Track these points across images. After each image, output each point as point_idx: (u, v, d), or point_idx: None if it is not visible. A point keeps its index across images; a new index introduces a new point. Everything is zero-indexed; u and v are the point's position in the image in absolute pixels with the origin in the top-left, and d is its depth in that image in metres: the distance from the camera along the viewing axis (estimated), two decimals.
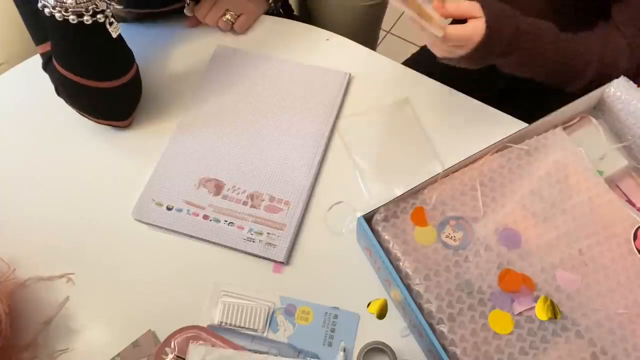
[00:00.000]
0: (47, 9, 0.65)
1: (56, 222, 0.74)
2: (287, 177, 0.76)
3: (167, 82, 0.85)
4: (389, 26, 1.91)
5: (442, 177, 0.67)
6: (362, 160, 0.78)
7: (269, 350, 0.66)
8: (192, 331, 0.66)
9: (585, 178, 0.66)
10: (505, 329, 0.59)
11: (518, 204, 0.65)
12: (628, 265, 0.62)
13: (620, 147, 0.71)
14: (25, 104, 0.84)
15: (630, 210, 0.65)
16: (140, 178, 0.76)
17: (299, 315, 0.67)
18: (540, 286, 0.61)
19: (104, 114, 0.78)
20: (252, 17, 0.91)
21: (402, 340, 0.66)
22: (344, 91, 0.83)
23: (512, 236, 0.64)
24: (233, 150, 0.78)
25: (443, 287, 0.61)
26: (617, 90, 0.69)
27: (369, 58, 0.88)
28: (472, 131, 0.78)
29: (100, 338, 0.67)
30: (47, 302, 0.69)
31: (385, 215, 0.65)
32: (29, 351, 0.66)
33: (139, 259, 0.72)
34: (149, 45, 0.88)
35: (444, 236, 0.64)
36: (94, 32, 0.68)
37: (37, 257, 0.71)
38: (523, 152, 0.69)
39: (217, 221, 0.73)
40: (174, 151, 0.78)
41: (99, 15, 0.67)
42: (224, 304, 0.67)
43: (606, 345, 0.58)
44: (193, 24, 0.91)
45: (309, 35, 0.90)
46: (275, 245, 0.71)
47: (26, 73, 0.87)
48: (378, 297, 0.68)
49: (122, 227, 0.73)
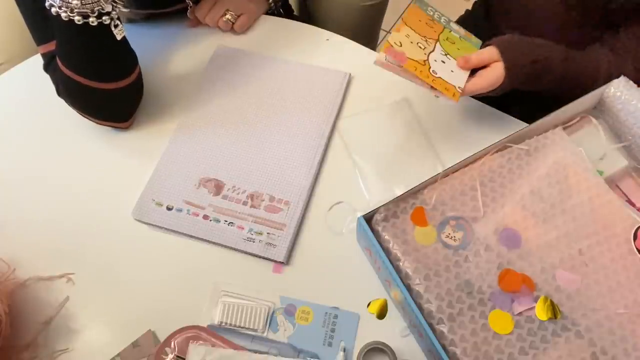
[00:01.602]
0: (54, 9, 0.65)
1: (56, 222, 0.74)
2: (287, 177, 0.76)
3: (167, 82, 0.85)
4: (389, 26, 1.91)
5: (442, 177, 0.67)
6: (362, 160, 0.78)
7: (269, 350, 0.66)
8: (192, 331, 0.66)
9: (585, 178, 0.66)
10: (505, 329, 0.59)
11: (518, 204, 0.65)
12: (628, 265, 0.62)
13: (620, 147, 0.71)
14: (25, 104, 0.84)
15: (630, 210, 0.65)
16: (140, 178, 0.76)
17: (299, 315, 0.67)
18: (540, 286, 0.61)
19: (106, 115, 0.78)
20: (252, 17, 0.91)
21: (402, 340, 0.66)
22: (344, 91, 0.83)
23: (512, 236, 0.64)
24: (233, 150, 0.78)
25: (443, 287, 0.61)
26: (617, 90, 0.69)
27: (369, 58, 0.87)
28: (472, 131, 0.79)
29: (100, 338, 0.67)
30: (47, 302, 0.69)
31: (385, 215, 0.65)
32: (29, 351, 0.65)
33: (139, 259, 0.72)
34: (148, 45, 0.88)
35: (444, 236, 0.64)
36: (99, 33, 0.68)
37: (37, 257, 0.71)
38: (523, 152, 0.69)
39: (217, 221, 0.73)
40: (174, 151, 0.78)
41: (104, 17, 0.67)
42: (224, 304, 0.67)
43: (606, 345, 0.58)
44: (193, 24, 0.91)
45: (309, 35, 0.90)
46: (275, 245, 0.71)
47: (26, 73, 0.87)
48: (378, 297, 0.68)
49: (122, 227, 0.73)
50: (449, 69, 0.70)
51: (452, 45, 0.74)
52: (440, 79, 0.67)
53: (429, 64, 0.69)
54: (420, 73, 0.67)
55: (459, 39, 0.76)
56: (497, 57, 0.70)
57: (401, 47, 0.68)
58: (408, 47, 0.69)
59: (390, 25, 1.90)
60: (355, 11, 1.09)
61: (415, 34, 0.72)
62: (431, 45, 0.72)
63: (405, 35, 0.70)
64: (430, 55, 0.70)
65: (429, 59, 0.70)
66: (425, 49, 0.71)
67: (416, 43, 0.70)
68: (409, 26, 0.72)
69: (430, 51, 0.71)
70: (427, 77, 0.67)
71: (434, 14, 0.77)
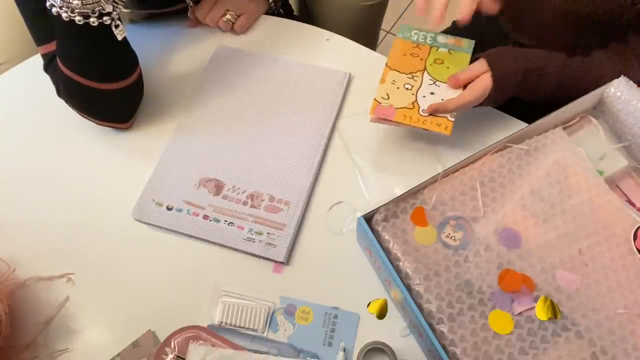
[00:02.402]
0: (55, 9, 0.65)
1: (56, 222, 0.74)
2: (287, 177, 0.76)
3: (167, 82, 0.85)
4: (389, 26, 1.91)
5: (442, 177, 0.67)
6: (362, 160, 0.78)
7: (269, 350, 0.66)
8: (192, 331, 0.66)
9: (585, 178, 0.66)
10: (505, 329, 0.59)
11: (518, 204, 0.65)
12: (628, 265, 0.62)
13: (620, 147, 0.71)
14: (25, 104, 0.84)
15: (630, 210, 0.65)
16: (140, 178, 0.76)
17: (299, 315, 0.67)
18: (540, 286, 0.61)
19: (106, 116, 0.78)
20: (253, 17, 0.91)
21: (402, 340, 0.66)
22: (344, 91, 0.83)
23: (512, 236, 0.64)
24: (233, 150, 0.78)
25: (443, 287, 0.61)
26: (617, 90, 0.69)
27: (369, 58, 0.88)
28: (472, 131, 0.78)
29: (100, 338, 0.67)
30: (47, 302, 0.69)
31: (385, 215, 0.65)
32: (29, 351, 0.66)
33: (139, 259, 0.72)
34: (148, 45, 0.88)
35: (444, 236, 0.64)
36: (100, 33, 0.68)
37: (37, 257, 0.71)
38: (523, 152, 0.69)
39: (217, 221, 0.73)
40: (174, 151, 0.78)
41: (105, 17, 0.67)
42: (224, 304, 0.67)
43: (606, 345, 0.58)
44: (193, 24, 0.91)
45: (309, 35, 0.90)
46: (275, 245, 0.71)
47: (26, 73, 0.87)
48: (378, 297, 0.68)
49: (122, 227, 0.73)
50: (439, 99, 0.72)
51: (441, 65, 0.75)
52: (430, 117, 0.70)
53: (418, 105, 0.71)
54: (410, 120, 0.70)
55: (448, 54, 0.76)
56: (486, 67, 0.70)
57: (388, 99, 0.72)
58: (395, 95, 0.73)
59: (390, 25, 1.90)
60: (355, 11, 1.09)
61: (400, 75, 0.74)
62: (418, 81, 0.74)
63: (391, 82, 0.74)
64: (418, 92, 0.73)
65: (417, 97, 0.72)
66: (413, 87, 0.73)
67: (403, 86, 0.73)
68: (394, 69, 0.75)
69: (418, 87, 0.73)
70: (417, 121, 0.70)
71: (417, 38, 0.78)
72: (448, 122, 0.70)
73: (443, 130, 0.69)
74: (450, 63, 0.75)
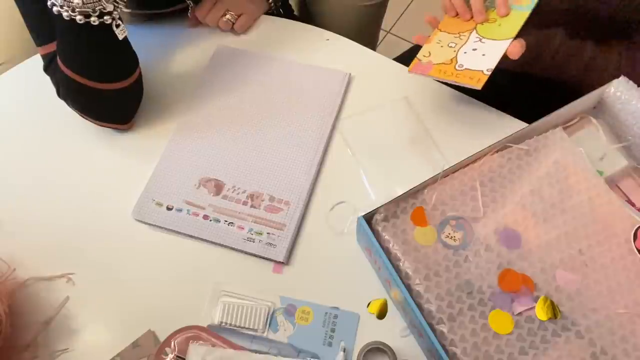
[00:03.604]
0: (55, 7, 0.65)
1: (56, 222, 0.74)
2: (287, 177, 0.76)
3: (167, 82, 0.85)
4: (389, 26, 1.91)
5: (442, 177, 0.67)
6: (362, 160, 0.78)
7: (269, 350, 0.66)
8: (192, 331, 0.66)
9: (585, 178, 0.66)
10: (505, 329, 0.59)
11: (518, 204, 0.65)
12: (628, 265, 0.62)
13: (620, 147, 0.71)
14: (25, 104, 0.84)
15: (630, 210, 0.65)
16: (140, 178, 0.76)
17: (299, 315, 0.67)
18: (540, 286, 0.61)
19: (106, 116, 0.78)
20: (253, 17, 0.91)
21: (402, 340, 0.66)
22: (344, 91, 0.83)
23: (512, 236, 0.64)
24: (233, 150, 0.78)
25: (443, 287, 0.61)
26: (617, 90, 0.69)
27: (369, 58, 0.88)
28: (472, 131, 0.78)
29: (100, 338, 0.67)
30: (47, 302, 0.69)
31: (385, 215, 0.65)
32: (29, 351, 0.66)
33: (139, 259, 0.72)
34: (148, 45, 0.88)
35: (444, 236, 0.64)
36: (101, 33, 0.68)
37: (37, 257, 0.71)
38: (523, 152, 0.69)
39: (217, 221, 0.73)
40: (174, 151, 0.78)
41: (105, 16, 0.67)
42: (224, 304, 0.67)
43: (606, 345, 0.58)
44: (193, 24, 0.91)
45: (309, 35, 0.90)
46: (275, 245, 0.71)
47: (26, 73, 0.87)
48: (378, 297, 0.68)
49: (122, 227, 0.73)
50: (480, 54, 0.71)
51: (493, 24, 0.74)
52: (464, 71, 0.70)
53: (456, 60, 0.72)
54: (444, 74, 0.71)
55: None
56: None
57: (429, 56, 0.74)
58: (436, 53, 0.74)
59: (390, 25, 1.90)
60: (355, 11, 1.09)
61: (448, 36, 0.76)
62: (464, 39, 0.74)
63: (437, 42, 0.76)
64: (460, 49, 0.73)
65: (458, 53, 0.73)
66: (457, 45, 0.74)
67: (447, 44, 0.74)
68: (443, 31, 0.77)
69: (462, 45, 0.74)
70: (451, 75, 0.71)
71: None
72: (482, 76, 0.69)
73: (475, 84, 0.68)
74: (503, 21, 0.74)
